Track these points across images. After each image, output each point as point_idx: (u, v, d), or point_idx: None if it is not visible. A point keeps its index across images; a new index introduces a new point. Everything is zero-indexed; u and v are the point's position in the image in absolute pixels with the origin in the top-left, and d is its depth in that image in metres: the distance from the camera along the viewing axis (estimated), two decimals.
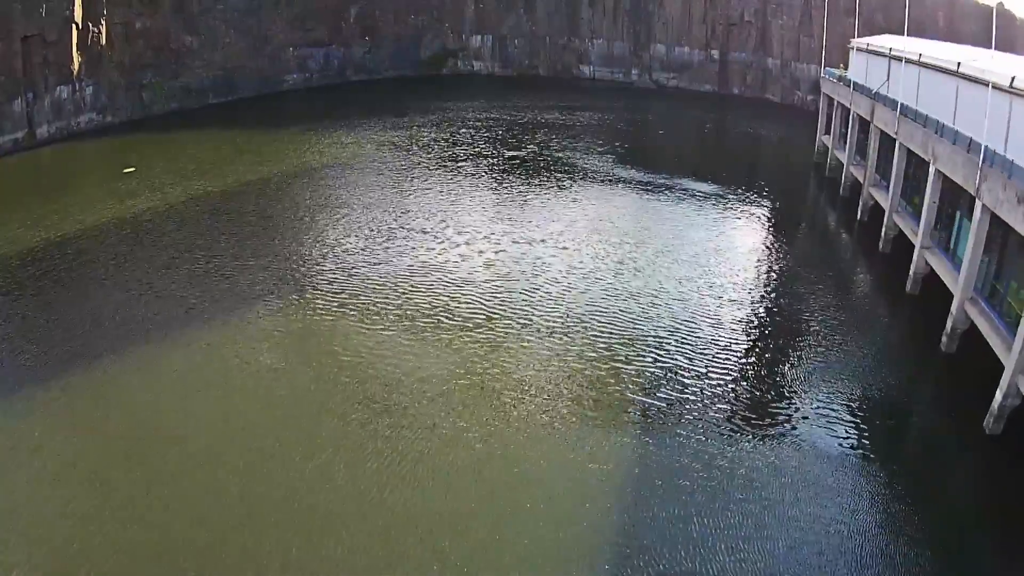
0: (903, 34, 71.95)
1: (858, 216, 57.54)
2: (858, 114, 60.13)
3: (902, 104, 47.13)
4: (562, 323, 39.52)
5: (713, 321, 40.40)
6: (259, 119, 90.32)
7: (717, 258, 49.46)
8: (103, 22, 79.35)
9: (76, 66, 76.65)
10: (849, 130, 62.87)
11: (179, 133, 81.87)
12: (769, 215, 60.49)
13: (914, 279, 43.77)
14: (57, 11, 72.46)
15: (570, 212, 58.14)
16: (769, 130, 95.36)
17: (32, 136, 72.91)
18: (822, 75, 76.39)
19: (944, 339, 37.11)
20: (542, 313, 40.62)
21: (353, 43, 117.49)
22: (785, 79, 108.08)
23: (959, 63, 38.40)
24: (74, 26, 74.91)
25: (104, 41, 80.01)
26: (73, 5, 73.95)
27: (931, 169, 40.85)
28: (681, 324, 39.81)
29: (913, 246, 44.29)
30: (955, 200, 39.72)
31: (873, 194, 55.09)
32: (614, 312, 40.99)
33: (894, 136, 48.53)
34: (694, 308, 41.94)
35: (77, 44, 76.19)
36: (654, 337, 38.33)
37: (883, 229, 50.59)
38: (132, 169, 66.45)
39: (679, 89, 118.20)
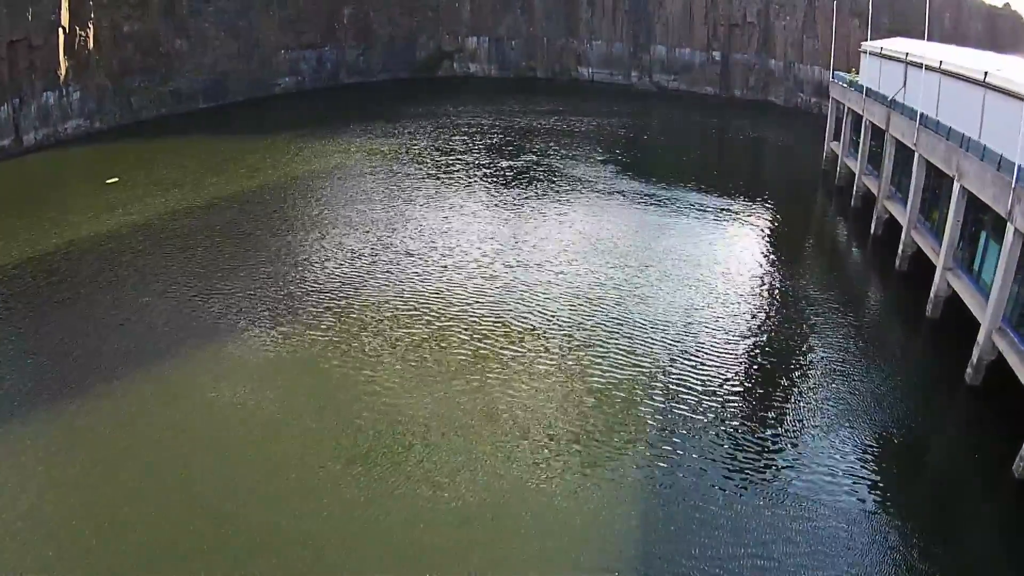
0: (913, 37, 71.14)
1: (872, 230, 55.92)
2: (871, 122, 58.61)
3: (922, 114, 45.65)
4: (558, 362, 36.87)
5: (722, 356, 37.92)
6: (247, 125, 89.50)
7: (725, 283, 47.13)
8: (90, 25, 78.25)
9: (63, 71, 75.54)
10: (861, 138, 61.25)
11: (166, 140, 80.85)
12: (778, 229, 58.66)
13: (935, 302, 41.86)
14: (43, 15, 71.41)
15: (568, 230, 55.86)
16: (773, 134, 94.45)
17: (19, 143, 72.04)
18: (831, 79, 75.23)
19: (969, 370, 35.16)
20: (536, 352, 37.90)
21: (346, 45, 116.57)
22: (788, 81, 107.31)
23: (986, 72, 36.85)
24: (61, 30, 73.86)
25: (91, 45, 78.86)
26: (60, 9, 72.80)
27: (955, 186, 39.09)
28: (688, 360, 37.25)
29: (933, 264, 42.69)
30: (979, 218, 38.18)
31: (888, 207, 53.58)
32: (616, 350, 38.25)
33: (912, 147, 46.96)
34: (701, 342, 39.27)
35: (64, 48, 75.09)
36: (658, 376, 35.75)
37: (900, 246, 49.07)
38: (115, 180, 65.51)
39: (680, 91, 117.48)
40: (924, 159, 45.51)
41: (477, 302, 43.60)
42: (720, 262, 50.56)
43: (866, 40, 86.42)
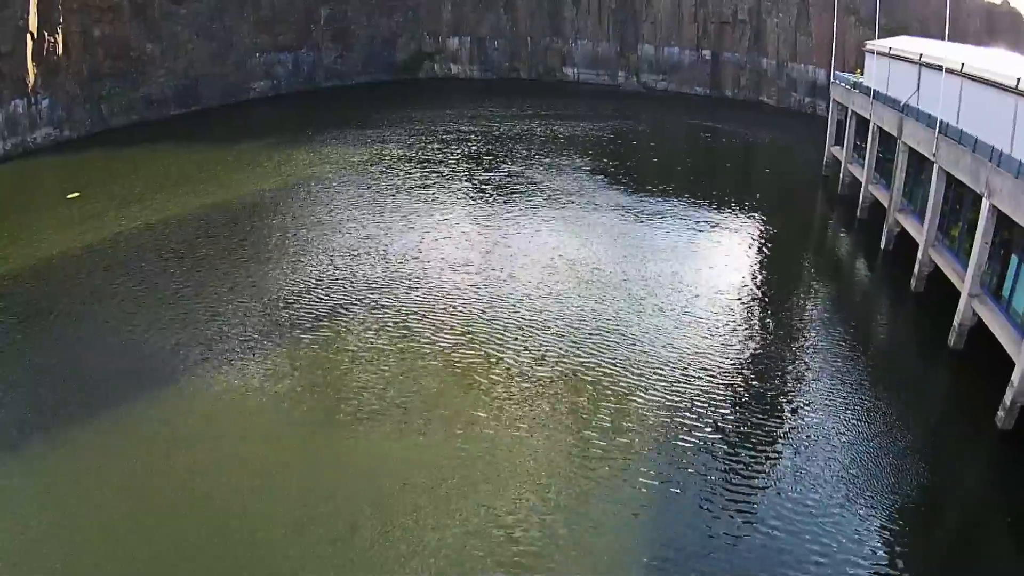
0: (907, 35, 70.45)
1: (882, 245, 54.32)
2: (880, 127, 57.46)
3: (942, 121, 43.97)
4: (538, 421, 33.25)
5: (724, 410, 34.55)
6: (218, 133, 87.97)
7: (727, 316, 43.82)
8: (59, 30, 76.66)
9: (32, 78, 73.93)
10: (868, 144, 59.86)
11: (134, 149, 79.20)
12: (781, 246, 56.04)
13: (959, 332, 39.25)
14: (11, 20, 69.87)
15: (550, 256, 52.26)
16: (767, 137, 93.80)
17: None
18: (832, 80, 74.54)
19: (1001, 413, 32.72)
20: (513, 408, 34.32)
21: (324, 47, 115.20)
22: (781, 80, 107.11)
23: (1019, 79, 35.71)
24: (29, 36, 72.16)
25: (61, 51, 77.25)
26: (28, 13, 71.15)
27: (984, 204, 36.65)
28: (686, 417, 33.69)
29: (952, 284, 40.85)
30: (1008, 239, 36.47)
31: (900, 220, 51.90)
32: (604, 409, 34.31)
33: (931, 158, 45.28)
34: (702, 392, 35.71)
35: (32, 55, 73.40)
36: (652, 440, 32.15)
37: (916, 265, 46.94)
38: (76, 195, 63.92)
39: (668, 92, 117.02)
40: (944, 171, 43.59)
41: (445, 349, 39.70)
42: (721, 290, 47.45)
43: (860, 38, 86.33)
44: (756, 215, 62.38)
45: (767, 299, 47.05)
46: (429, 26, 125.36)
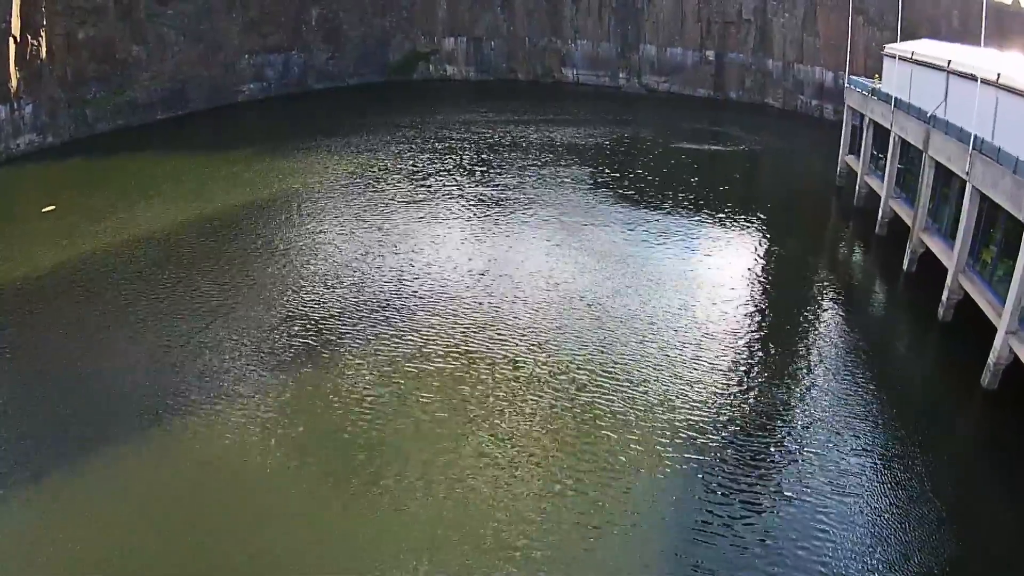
0: (919, 37, 69.29)
1: (905, 266, 51.77)
2: (902, 138, 55.49)
3: (976, 136, 41.59)
4: (525, 507, 29.77)
5: (748, 466, 31.91)
6: (204, 140, 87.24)
7: (741, 358, 40.68)
8: (43, 33, 75.47)
9: (14, 83, 72.75)
10: (889, 156, 57.66)
11: (117, 157, 78.25)
12: (796, 267, 53.78)
13: (994, 371, 36.30)
14: None
15: (544, 286, 49.14)
16: (775, 142, 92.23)
17: None
18: (846, 85, 73.23)
19: None
20: (498, 486, 30.97)
21: (315, 48, 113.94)
22: (787, 82, 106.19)
23: None
24: (11, 39, 70.84)
25: (44, 54, 76.14)
26: (10, 16, 69.78)
27: None
28: (706, 494, 30.46)
29: (983, 313, 38.54)
30: None
31: (925, 240, 49.44)
32: (608, 477, 31.28)
33: (964, 176, 42.78)
34: (722, 456, 32.53)
35: (15, 59, 72.10)
36: (665, 513, 29.48)
37: (944, 292, 43.94)
38: (52, 208, 62.68)
39: (671, 94, 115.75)
40: (979, 192, 41.13)
41: (423, 403, 36.59)
42: (734, 329, 44.01)
43: (867, 39, 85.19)
44: (768, 231, 60.61)
45: (784, 333, 44.01)
46: (423, 26, 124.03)
